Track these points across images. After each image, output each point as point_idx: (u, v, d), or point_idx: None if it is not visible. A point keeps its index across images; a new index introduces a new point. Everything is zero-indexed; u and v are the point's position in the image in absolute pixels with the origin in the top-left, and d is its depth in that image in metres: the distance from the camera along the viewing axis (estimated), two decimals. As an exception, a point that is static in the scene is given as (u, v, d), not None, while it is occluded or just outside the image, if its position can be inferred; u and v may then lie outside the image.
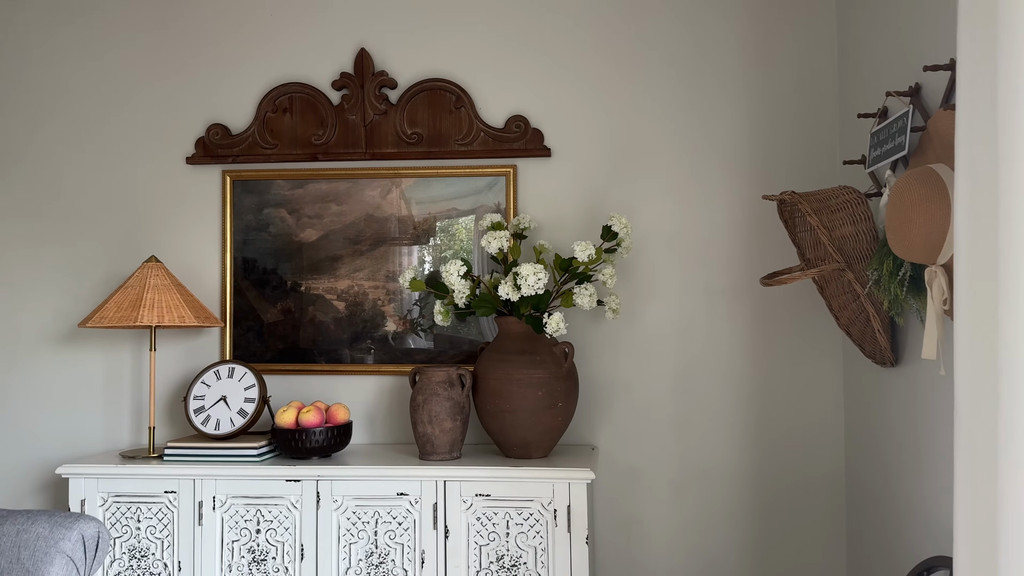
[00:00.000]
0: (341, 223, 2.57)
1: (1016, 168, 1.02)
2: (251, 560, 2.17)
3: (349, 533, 2.14)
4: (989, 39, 1.07)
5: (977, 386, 1.11)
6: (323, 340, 2.56)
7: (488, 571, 2.10)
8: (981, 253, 1.09)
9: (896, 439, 1.98)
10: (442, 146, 2.53)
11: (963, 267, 1.13)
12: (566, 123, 2.52)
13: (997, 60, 1.05)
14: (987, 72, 1.08)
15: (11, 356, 2.67)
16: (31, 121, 2.70)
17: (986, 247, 1.08)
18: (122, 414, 2.62)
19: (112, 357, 2.63)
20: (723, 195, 2.46)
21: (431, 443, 2.20)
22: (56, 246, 2.68)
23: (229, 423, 2.30)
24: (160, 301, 2.31)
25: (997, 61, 1.05)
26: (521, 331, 2.25)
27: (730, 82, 2.47)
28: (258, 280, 2.58)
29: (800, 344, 2.42)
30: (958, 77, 1.14)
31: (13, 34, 2.72)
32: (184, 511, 2.19)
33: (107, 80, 2.67)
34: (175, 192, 2.63)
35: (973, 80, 1.11)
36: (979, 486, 1.10)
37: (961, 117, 1.14)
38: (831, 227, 1.91)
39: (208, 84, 2.63)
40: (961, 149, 1.13)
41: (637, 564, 2.44)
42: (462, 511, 2.11)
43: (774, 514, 2.41)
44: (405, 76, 2.56)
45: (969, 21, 1.12)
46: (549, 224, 2.50)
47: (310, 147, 2.56)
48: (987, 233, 1.08)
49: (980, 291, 1.09)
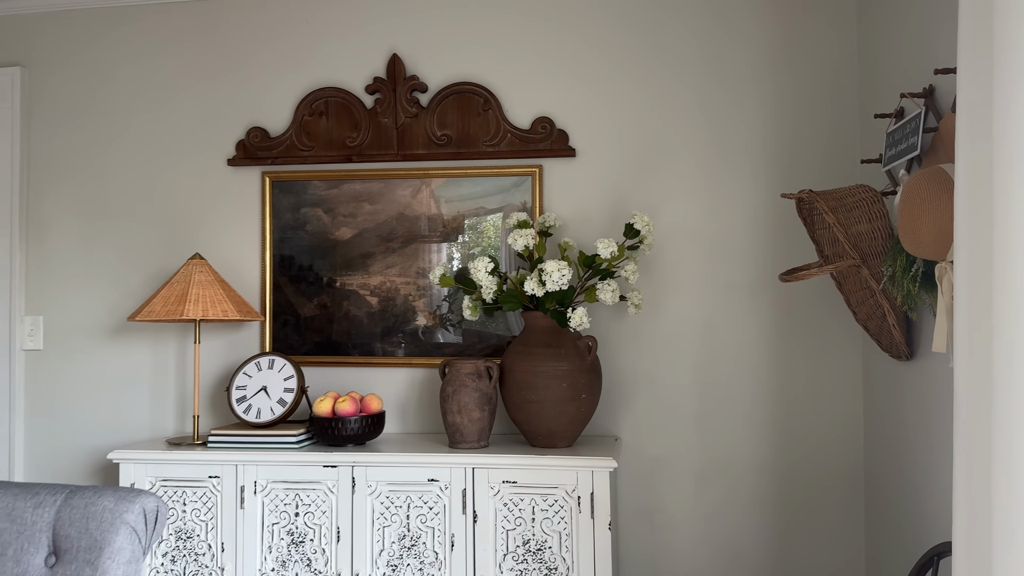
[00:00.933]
0: (374, 221, 2.67)
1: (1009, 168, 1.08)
2: (290, 542, 2.29)
3: (383, 517, 2.25)
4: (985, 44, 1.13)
5: (974, 375, 1.17)
6: (356, 334, 2.67)
7: (515, 554, 2.19)
8: (978, 249, 1.16)
9: (911, 430, 2.03)
10: (471, 147, 2.62)
11: (963, 262, 1.20)
12: (590, 124, 2.60)
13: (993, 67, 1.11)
14: (984, 79, 1.14)
15: (65, 348, 2.83)
16: (81, 125, 2.85)
17: (983, 244, 1.14)
18: (167, 403, 2.76)
19: (158, 349, 2.77)
20: (744, 193, 2.52)
21: (460, 432, 2.30)
22: (106, 244, 2.82)
23: (269, 412, 2.42)
24: (204, 296, 2.44)
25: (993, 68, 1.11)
26: (546, 325, 2.33)
27: (752, 83, 2.53)
28: (295, 276, 2.70)
29: (820, 339, 2.47)
30: (958, 83, 1.20)
31: (65, 43, 2.87)
32: (227, 495, 2.31)
33: (153, 86, 2.81)
34: (217, 192, 2.76)
35: (972, 85, 1.18)
36: (975, 471, 1.17)
37: (961, 120, 1.20)
38: (847, 224, 1.97)
39: (248, 89, 2.76)
40: (961, 150, 1.20)
41: (659, 552, 2.52)
42: (490, 497, 2.21)
43: (794, 504, 2.47)
44: (435, 80, 2.66)
45: (968, 29, 1.18)
46: (573, 222, 2.59)
47: (345, 149, 2.68)
48: (983, 232, 1.14)
49: (977, 286, 1.16)
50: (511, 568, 2.19)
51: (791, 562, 2.46)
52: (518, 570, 2.19)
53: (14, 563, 1.31)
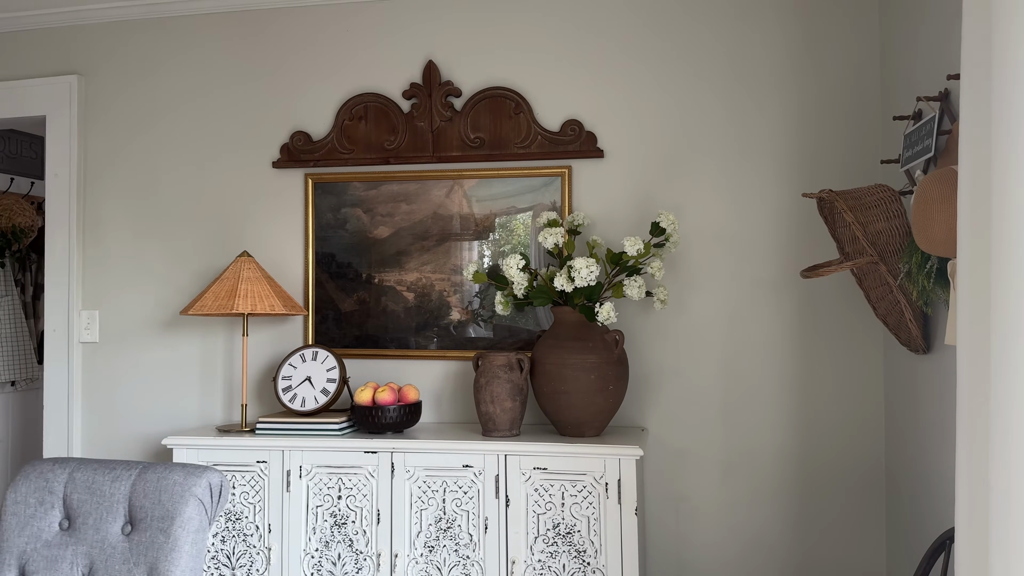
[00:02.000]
0: (410, 220, 2.80)
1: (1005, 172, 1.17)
2: (333, 523, 2.43)
3: (420, 500, 2.38)
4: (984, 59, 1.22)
5: (975, 365, 1.26)
6: (393, 327, 2.80)
7: (545, 537, 2.31)
8: (978, 247, 1.24)
9: (929, 421, 2.11)
10: (502, 149, 2.74)
11: (964, 259, 1.28)
12: (618, 126, 2.70)
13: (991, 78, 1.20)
14: (983, 88, 1.23)
15: (119, 341, 3.00)
16: (135, 130, 3.02)
17: (981, 243, 1.23)
18: (215, 393, 2.92)
19: (206, 342, 2.93)
20: (767, 193, 2.60)
21: (493, 421, 2.42)
22: (157, 242, 2.99)
23: (313, 401, 2.56)
24: (252, 292, 2.58)
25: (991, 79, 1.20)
26: (575, 320, 2.44)
27: (775, 86, 2.61)
28: (336, 273, 2.84)
29: (841, 333, 2.55)
30: (961, 92, 1.29)
31: (120, 52, 3.04)
32: (274, 479, 2.46)
33: (201, 92, 2.97)
34: (262, 193, 2.91)
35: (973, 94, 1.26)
36: (975, 456, 1.25)
37: (963, 126, 1.29)
38: (866, 223, 2.04)
39: (291, 95, 2.90)
40: (963, 155, 1.28)
41: (685, 539, 2.61)
42: (521, 482, 2.32)
43: (817, 493, 2.55)
44: (469, 85, 2.78)
45: (971, 43, 1.27)
46: (601, 221, 2.69)
47: (383, 152, 2.81)
48: (982, 231, 1.23)
49: (977, 282, 1.25)
50: (541, 550, 2.30)
51: (814, 550, 2.54)
52: (548, 552, 2.30)
53: (94, 530, 1.46)
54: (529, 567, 2.31)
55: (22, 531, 1.47)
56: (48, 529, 1.47)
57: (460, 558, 2.34)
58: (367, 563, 2.39)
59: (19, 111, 3.11)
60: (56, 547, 1.45)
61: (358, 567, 2.40)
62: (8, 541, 1.47)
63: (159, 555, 1.40)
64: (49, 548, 1.45)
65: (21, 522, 1.47)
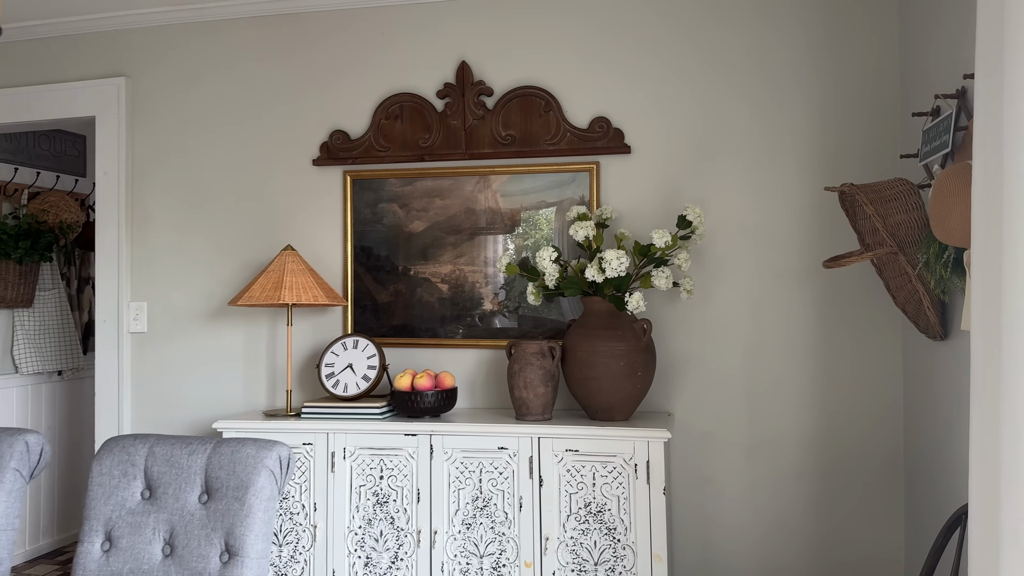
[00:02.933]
0: (444, 215, 2.92)
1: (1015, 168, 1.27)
2: (375, 502, 2.56)
3: (458, 480, 2.50)
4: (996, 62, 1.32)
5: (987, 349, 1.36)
6: (428, 317, 2.93)
7: (577, 515, 2.43)
8: (991, 238, 1.35)
9: (947, 405, 2.20)
10: (532, 146, 2.85)
11: (979, 249, 1.38)
12: (645, 123, 2.80)
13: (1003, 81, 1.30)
14: (995, 90, 1.32)
15: (167, 331, 3.15)
16: (180, 129, 3.16)
17: (994, 233, 1.33)
18: (259, 380, 3.06)
19: (250, 331, 3.07)
20: (791, 187, 2.70)
21: (526, 406, 2.54)
22: (201, 237, 3.13)
23: (355, 386, 2.69)
24: (297, 284, 2.72)
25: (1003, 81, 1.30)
26: (604, 309, 2.55)
27: (797, 83, 2.70)
28: (373, 266, 2.97)
29: (862, 321, 2.64)
30: (975, 92, 1.39)
31: (165, 55, 3.18)
32: (319, 460, 2.59)
33: (244, 93, 3.11)
34: (303, 190, 3.04)
35: (986, 95, 1.36)
36: (987, 434, 1.36)
37: (977, 125, 1.38)
38: (885, 215, 2.14)
39: (330, 95, 3.03)
40: (977, 151, 1.38)
41: (710, 519, 2.72)
42: (554, 464, 2.44)
43: (838, 476, 2.65)
44: (500, 84, 2.89)
45: (984, 47, 1.37)
46: (628, 214, 2.80)
47: (417, 149, 2.93)
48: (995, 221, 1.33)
49: (989, 270, 1.35)
50: (574, 527, 2.43)
51: (835, 530, 2.64)
52: (580, 529, 2.42)
53: (174, 499, 1.59)
54: (562, 543, 2.43)
55: (108, 500, 1.61)
56: (131, 498, 1.61)
57: (496, 535, 2.47)
58: (408, 539, 2.53)
59: (70, 112, 3.26)
60: (139, 514, 1.59)
61: (399, 543, 2.53)
62: (95, 509, 1.61)
63: (235, 521, 1.53)
64: (133, 515, 1.59)
65: (106, 492, 1.61)
